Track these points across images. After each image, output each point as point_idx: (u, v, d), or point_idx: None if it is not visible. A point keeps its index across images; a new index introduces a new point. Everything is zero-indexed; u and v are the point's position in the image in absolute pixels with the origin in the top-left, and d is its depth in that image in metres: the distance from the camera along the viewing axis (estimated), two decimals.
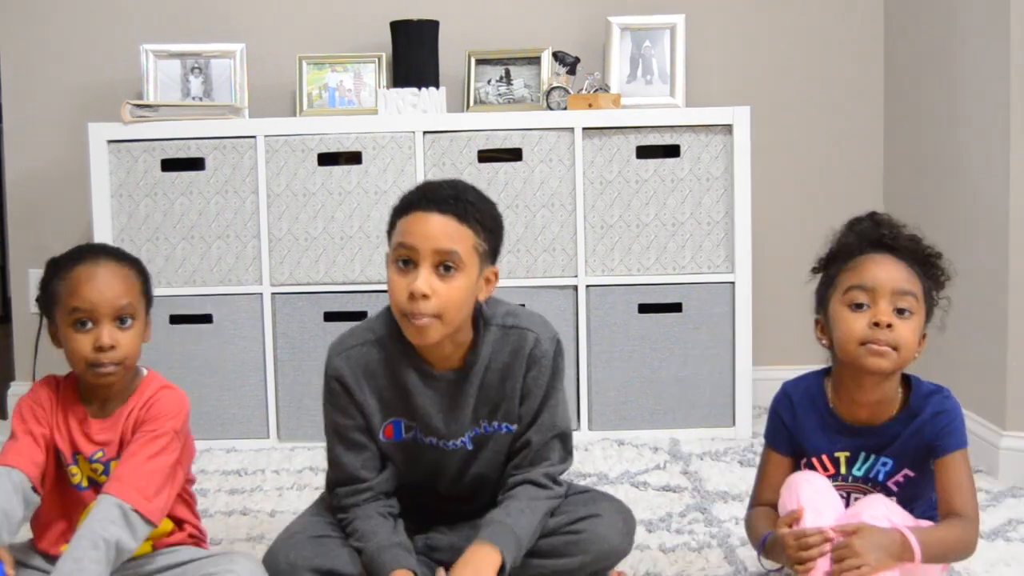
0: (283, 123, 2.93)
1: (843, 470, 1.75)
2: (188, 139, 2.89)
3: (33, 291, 3.26)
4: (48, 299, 1.69)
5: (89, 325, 1.65)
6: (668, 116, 2.90)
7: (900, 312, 1.66)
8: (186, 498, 1.81)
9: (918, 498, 1.74)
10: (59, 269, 1.69)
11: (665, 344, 2.91)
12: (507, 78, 3.17)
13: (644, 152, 2.89)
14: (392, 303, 1.69)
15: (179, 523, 1.80)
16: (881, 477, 1.73)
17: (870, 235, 1.73)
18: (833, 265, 1.75)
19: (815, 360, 1.88)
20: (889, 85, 3.27)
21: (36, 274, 3.25)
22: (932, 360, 2.91)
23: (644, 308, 2.91)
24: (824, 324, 1.75)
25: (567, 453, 1.83)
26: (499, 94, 3.17)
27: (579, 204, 2.88)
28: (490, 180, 2.86)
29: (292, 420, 2.93)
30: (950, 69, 2.80)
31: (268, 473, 2.64)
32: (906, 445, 1.71)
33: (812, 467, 1.77)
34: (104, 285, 1.65)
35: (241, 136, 2.89)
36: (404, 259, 1.67)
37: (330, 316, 2.89)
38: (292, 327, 2.91)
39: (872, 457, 1.73)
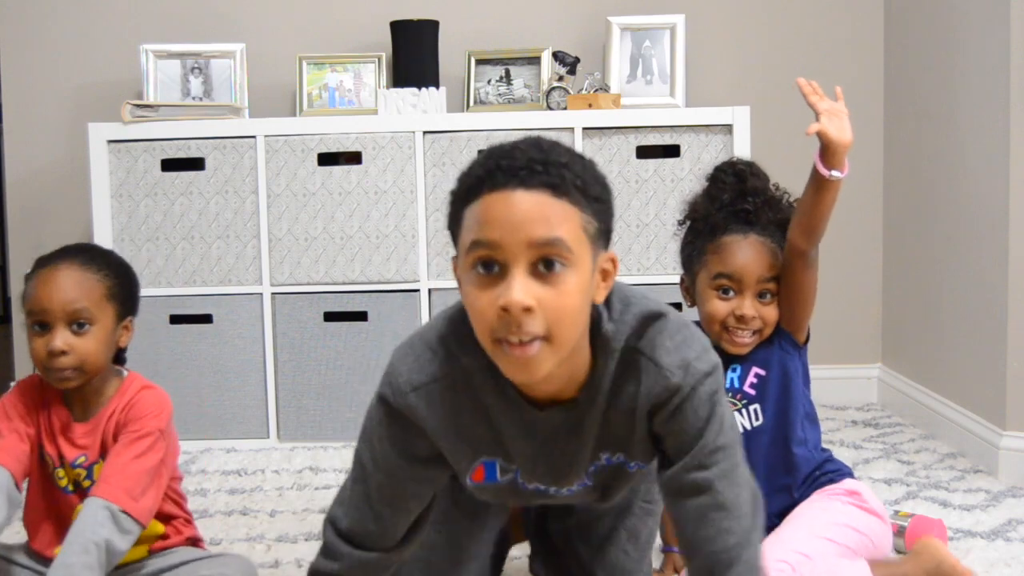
0: (283, 123, 2.93)
1: None
2: (188, 139, 2.89)
3: None
4: (24, 299, 1.69)
5: (47, 328, 1.64)
6: (668, 116, 2.90)
7: (763, 295, 1.77)
8: (173, 496, 1.78)
9: (790, 405, 1.78)
10: (32, 270, 1.68)
11: None
12: (507, 78, 3.17)
13: (644, 152, 2.89)
14: (478, 328, 1.20)
15: (167, 519, 1.76)
16: (737, 384, 1.80)
17: (733, 207, 1.80)
18: (700, 236, 1.82)
19: (816, 358, 1.88)
20: (889, 85, 3.27)
21: None
22: (932, 360, 2.92)
23: None
24: (689, 287, 1.84)
25: (755, 501, 1.32)
26: (499, 94, 3.16)
27: None
28: None
29: (292, 420, 2.93)
30: (950, 69, 2.80)
31: (268, 473, 2.64)
32: (755, 350, 1.79)
33: None
34: (56, 289, 1.63)
35: (241, 136, 2.89)
36: (485, 262, 1.18)
37: (330, 316, 2.89)
38: (292, 327, 2.91)
39: (728, 373, 1.80)
